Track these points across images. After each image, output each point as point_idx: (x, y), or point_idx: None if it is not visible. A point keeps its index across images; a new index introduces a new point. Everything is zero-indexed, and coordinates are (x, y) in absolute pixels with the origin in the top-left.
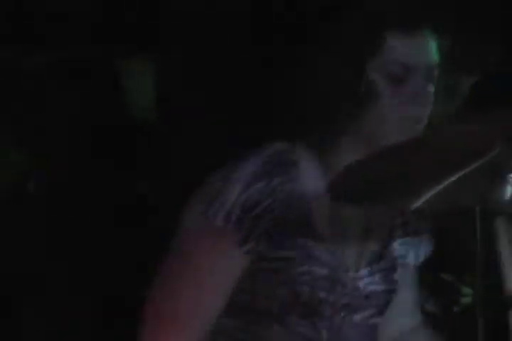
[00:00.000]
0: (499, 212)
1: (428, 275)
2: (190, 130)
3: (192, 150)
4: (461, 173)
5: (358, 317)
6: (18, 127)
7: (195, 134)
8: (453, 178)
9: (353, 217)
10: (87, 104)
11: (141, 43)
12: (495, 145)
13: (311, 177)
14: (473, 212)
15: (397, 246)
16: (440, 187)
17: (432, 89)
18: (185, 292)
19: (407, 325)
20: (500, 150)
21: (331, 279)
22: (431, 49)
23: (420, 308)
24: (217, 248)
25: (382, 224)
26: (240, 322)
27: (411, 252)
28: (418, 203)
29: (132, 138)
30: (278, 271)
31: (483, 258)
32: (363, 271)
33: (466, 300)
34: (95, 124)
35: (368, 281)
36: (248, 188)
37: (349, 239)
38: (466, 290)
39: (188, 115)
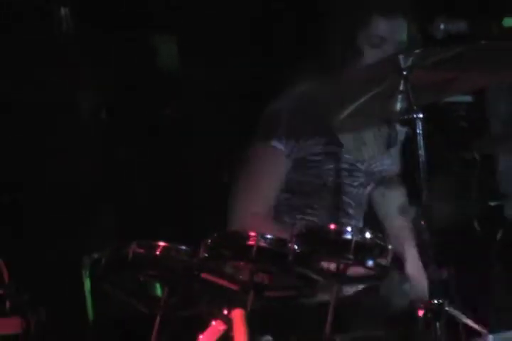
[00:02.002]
0: (394, 119)
1: None
2: None
3: None
4: (369, 94)
5: (366, 190)
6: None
7: None
8: (365, 97)
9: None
10: None
11: None
12: (387, 76)
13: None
14: None
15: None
16: (358, 102)
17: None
18: (263, 181)
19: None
20: (391, 79)
21: (351, 170)
22: (399, 27)
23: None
24: (275, 158)
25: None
26: (292, 199)
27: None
28: (345, 113)
29: None
30: (310, 168)
31: None
32: (371, 162)
33: None
34: None
35: (374, 166)
36: (289, 119)
37: (361, 143)
38: None
39: None
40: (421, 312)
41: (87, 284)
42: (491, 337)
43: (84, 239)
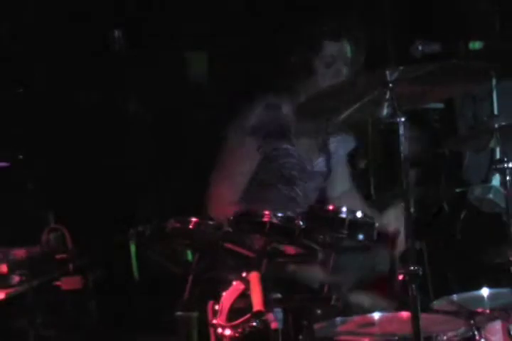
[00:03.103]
0: (382, 122)
1: None
2: None
3: None
4: (361, 102)
5: (313, 184)
6: None
7: None
8: (358, 104)
9: (309, 129)
10: None
11: None
12: (375, 88)
13: (288, 111)
14: None
15: (333, 143)
16: (352, 107)
17: (345, 70)
18: (235, 170)
19: (342, 190)
20: (378, 90)
21: (300, 165)
22: (347, 48)
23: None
24: (247, 150)
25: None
26: (253, 188)
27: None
28: (341, 116)
29: None
30: (272, 161)
31: None
32: (316, 160)
33: None
34: None
35: (319, 164)
36: (258, 118)
37: (308, 143)
38: None
39: None
40: (401, 276)
41: (133, 250)
42: (454, 296)
43: (132, 214)
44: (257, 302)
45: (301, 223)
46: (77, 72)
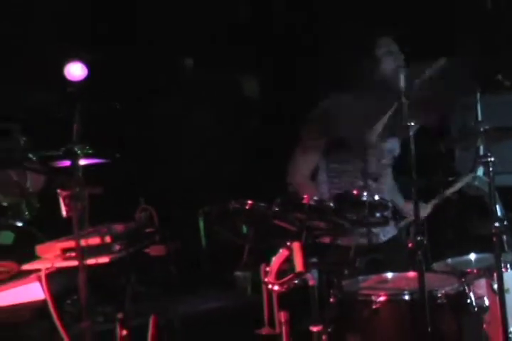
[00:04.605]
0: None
1: None
2: None
3: None
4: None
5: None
6: None
7: None
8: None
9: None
10: None
11: None
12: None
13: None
14: None
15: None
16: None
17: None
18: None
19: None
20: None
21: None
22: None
23: None
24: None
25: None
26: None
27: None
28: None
29: None
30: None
31: None
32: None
33: None
34: None
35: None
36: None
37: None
38: None
39: None
40: (411, 245)
41: (202, 226)
42: (449, 259)
43: (201, 197)
44: (298, 265)
45: (331, 204)
46: (157, 89)
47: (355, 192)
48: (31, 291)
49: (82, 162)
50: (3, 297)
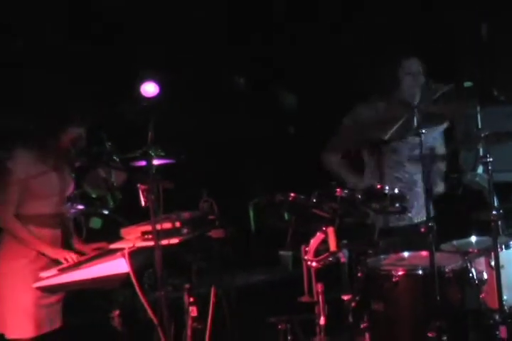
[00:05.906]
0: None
1: None
2: None
3: None
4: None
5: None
6: None
7: None
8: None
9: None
10: None
11: None
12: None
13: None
14: None
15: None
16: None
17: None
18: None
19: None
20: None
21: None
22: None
23: None
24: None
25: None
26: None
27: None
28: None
29: None
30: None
31: None
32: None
33: None
34: None
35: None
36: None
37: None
38: None
39: None
40: (424, 229)
41: (251, 215)
42: (454, 241)
43: (251, 191)
44: (332, 246)
45: (359, 196)
46: (214, 111)
47: (378, 186)
48: (117, 265)
49: (156, 162)
50: (96, 270)
